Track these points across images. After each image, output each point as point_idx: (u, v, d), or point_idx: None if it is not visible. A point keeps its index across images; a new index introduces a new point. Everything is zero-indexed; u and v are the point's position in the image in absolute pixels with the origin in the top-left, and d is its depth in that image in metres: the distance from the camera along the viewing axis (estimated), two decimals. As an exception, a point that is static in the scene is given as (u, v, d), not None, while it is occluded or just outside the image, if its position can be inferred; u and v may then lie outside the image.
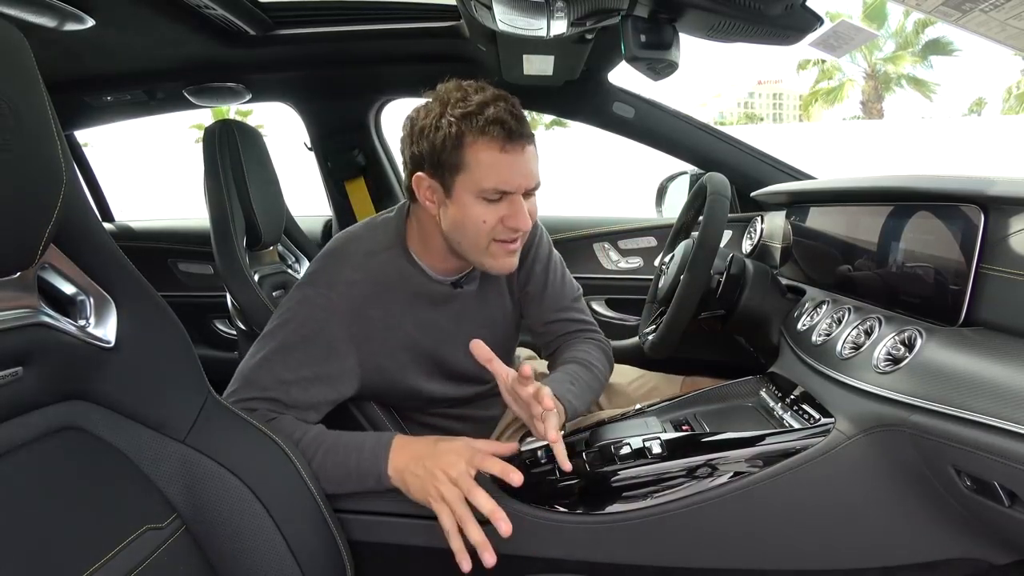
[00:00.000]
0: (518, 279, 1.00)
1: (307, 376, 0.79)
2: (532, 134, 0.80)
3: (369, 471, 0.74)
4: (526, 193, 0.81)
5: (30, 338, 0.50)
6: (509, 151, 0.77)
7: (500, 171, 0.78)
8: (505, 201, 0.80)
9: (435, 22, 1.42)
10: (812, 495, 0.70)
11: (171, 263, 1.97)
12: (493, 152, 0.77)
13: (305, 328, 0.80)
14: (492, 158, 0.77)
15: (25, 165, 0.45)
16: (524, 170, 0.79)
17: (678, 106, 1.63)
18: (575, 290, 1.06)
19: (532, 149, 0.80)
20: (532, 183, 0.81)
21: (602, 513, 0.73)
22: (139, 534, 0.54)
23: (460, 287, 0.92)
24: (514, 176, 0.78)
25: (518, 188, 0.79)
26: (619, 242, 1.66)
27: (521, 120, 0.79)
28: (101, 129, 2.10)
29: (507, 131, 0.77)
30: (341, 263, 0.85)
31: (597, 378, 0.95)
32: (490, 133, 0.76)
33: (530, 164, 0.80)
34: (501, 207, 0.80)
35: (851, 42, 0.72)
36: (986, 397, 0.54)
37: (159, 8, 1.18)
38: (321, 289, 0.83)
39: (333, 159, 1.78)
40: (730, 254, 1.10)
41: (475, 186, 0.78)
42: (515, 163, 0.78)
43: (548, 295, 1.01)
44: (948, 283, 0.68)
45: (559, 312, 1.02)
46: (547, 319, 1.02)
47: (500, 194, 0.79)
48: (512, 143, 0.77)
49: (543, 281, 1.00)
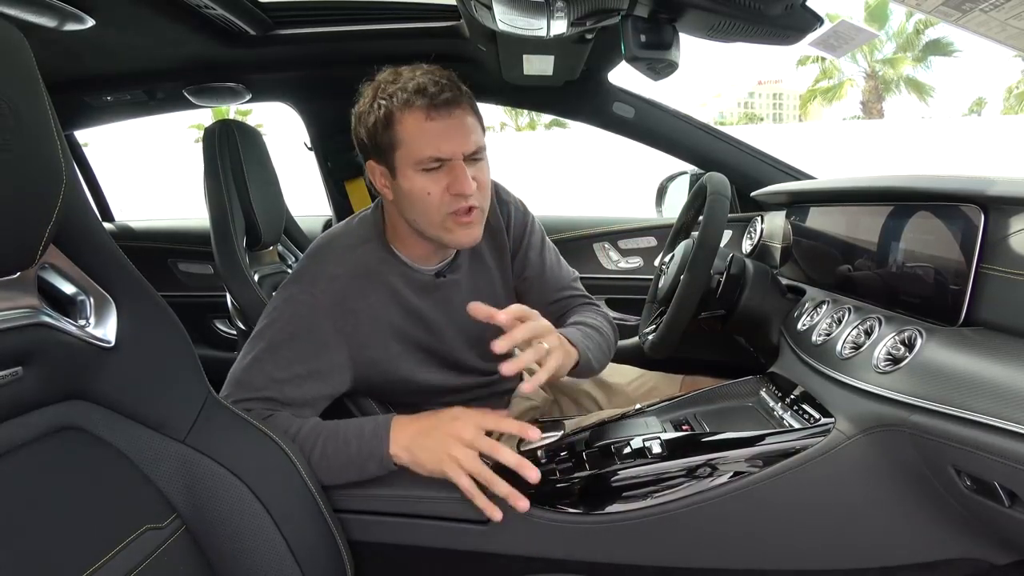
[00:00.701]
0: (513, 268, 1.00)
1: (300, 373, 0.79)
2: (463, 98, 0.79)
3: (371, 453, 0.74)
4: (470, 160, 0.80)
5: (30, 338, 0.50)
6: (435, 117, 0.77)
7: (429, 138, 0.78)
8: (445, 169, 0.79)
9: (435, 22, 1.42)
10: (812, 495, 0.70)
11: (171, 263, 1.97)
12: (419, 121, 0.78)
13: (292, 326, 0.81)
14: (419, 127, 0.78)
15: (25, 165, 0.45)
16: (455, 134, 0.78)
17: (678, 106, 1.63)
18: (572, 272, 1.07)
19: (463, 112, 0.79)
20: (469, 147, 0.79)
21: (602, 513, 0.73)
22: (139, 534, 0.54)
23: (444, 276, 0.92)
24: (445, 141, 0.78)
25: (453, 154, 0.78)
26: (619, 242, 1.66)
27: (446, 86, 0.78)
28: (101, 129, 2.09)
29: (428, 97, 0.77)
30: (322, 260, 0.86)
31: (606, 340, 0.95)
32: (413, 103, 0.77)
33: (463, 127, 0.79)
34: (442, 176, 0.79)
35: (851, 42, 0.72)
36: (986, 397, 0.54)
37: (159, 8, 1.18)
38: (304, 286, 0.83)
39: (333, 159, 1.78)
40: (730, 254, 1.10)
41: (411, 159, 0.79)
42: (444, 128, 0.78)
43: (547, 277, 1.01)
44: (948, 283, 0.68)
45: (561, 291, 1.03)
46: (550, 299, 1.02)
47: (437, 162, 0.79)
48: (437, 109, 0.77)
49: (540, 265, 1.01)
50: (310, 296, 0.82)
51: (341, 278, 0.84)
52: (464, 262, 0.94)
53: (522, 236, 1.00)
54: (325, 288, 0.83)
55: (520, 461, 0.69)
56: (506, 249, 0.99)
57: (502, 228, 0.98)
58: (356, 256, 0.86)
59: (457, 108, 0.79)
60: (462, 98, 0.80)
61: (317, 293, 0.82)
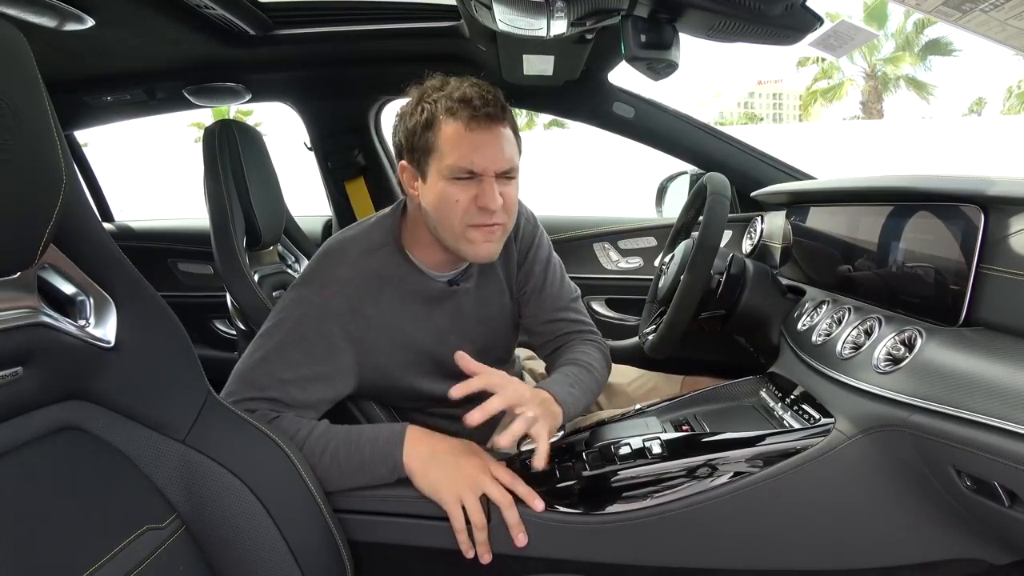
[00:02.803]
0: (517, 279, 1.00)
1: (306, 375, 0.79)
2: (505, 117, 0.81)
3: (384, 459, 0.75)
4: (502, 177, 0.81)
5: (30, 338, 0.50)
6: (475, 130, 0.78)
7: (466, 149, 0.78)
8: (475, 182, 0.80)
9: (435, 22, 1.42)
10: (812, 495, 0.70)
11: (171, 263, 1.97)
12: (459, 131, 0.78)
13: (301, 327, 0.81)
14: (458, 136, 0.78)
15: (25, 165, 0.45)
16: (491, 150, 0.79)
17: (678, 106, 1.63)
18: (573, 291, 1.06)
19: (503, 131, 0.81)
20: (502, 165, 0.80)
21: (602, 513, 0.73)
22: (139, 534, 0.54)
23: (457, 284, 0.92)
24: (480, 155, 0.79)
25: (485, 170, 0.79)
26: (619, 242, 1.66)
27: (490, 102, 0.79)
28: (101, 129, 2.09)
29: (472, 108, 0.78)
30: (336, 262, 0.86)
31: (596, 380, 0.95)
32: (457, 113, 0.78)
33: (499, 145, 0.80)
34: (472, 188, 0.80)
35: (851, 42, 0.72)
36: (986, 397, 0.54)
37: (159, 8, 1.18)
38: (316, 288, 0.83)
39: (333, 159, 1.78)
40: (730, 254, 1.10)
41: (444, 166, 0.80)
42: (482, 142, 0.79)
43: (546, 295, 1.01)
44: (948, 283, 0.68)
45: (557, 312, 1.02)
46: (545, 318, 1.02)
47: (468, 174, 0.79)
48: (478, 122, 0.78)
49: (542, 281, 1.00)
50: (321, 298, 0.82)
51: (354, 282, 0.84)
52: (475, 271, 0.94)
53: (529, 248, 1.00)
54: (337, 291, 0.82)
55: (529, 492, 0.73)
56: (513, 260, 0.99)
57: (512, 239, 0.98)
58: (371, 261, 0.86)
59: (498, 125, 0.80)
60: (504, 116, 0.81)
61: (328, 296, 0.82)
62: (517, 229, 0.98)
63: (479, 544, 0.73)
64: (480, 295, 0.95)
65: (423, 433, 0.78)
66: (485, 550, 0.73)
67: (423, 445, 0.76)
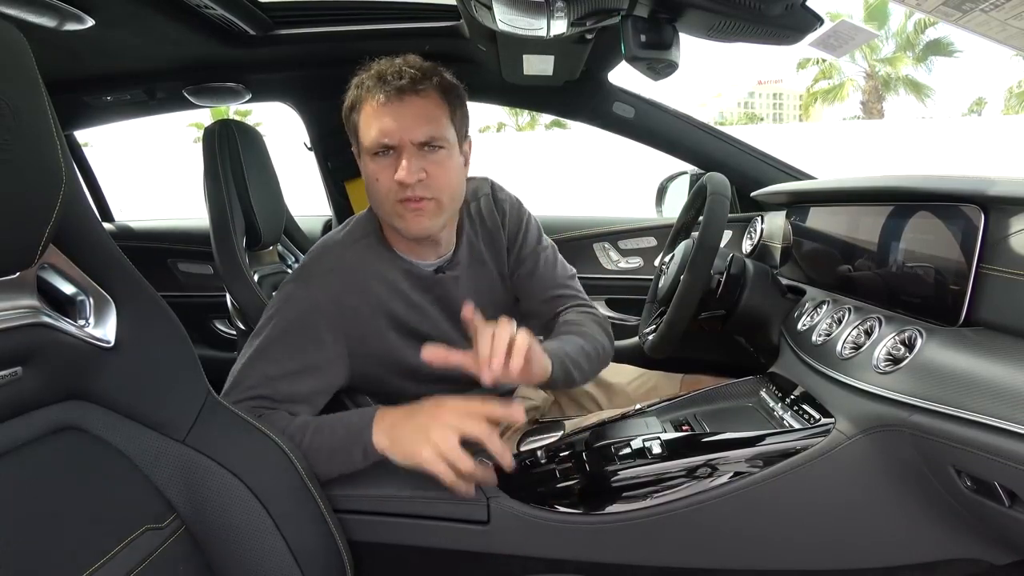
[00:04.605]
0: (509, 265, 1.00)
1: (293, 368, 0.80)
2: (425, 88, 0.79)
3: (355, 440, 0.73)
4: (423, 149, 0.79)
5: (30, 338, 0.50)
6: (388, 103, 0.78)
7: (378, 123, 0.79)
8: (393, 156, 0.80)
9: (435, 22, 1.42)
10: (812, 495, 0.70)
11: (171, 263, 1.97)
12: (374, 106, 0.79)
13: (286, 322, 0.81)
14: (373, 112, 0.79)
15: (25, 165, 0.45)
16: (404, 120, 0.78)
17: (678, 106, 1.63)
18: (569, 271, 1.05)
19: (421, 101, 0.79)
20: (417, 135, 0.79)
21: (602, 513, 0.73)
22: (139, 534, 0.54)
23: (443, 272, 0.92)
24: (391, 127, 0.78)
25: (401, 141, 0.78)
26: (619, 242, 1.66)
27: (407, 74, 0.78)
28: (101, 129, 2.10)
29: (384, 83, 0.78)
30: (319, 258, 0.87)
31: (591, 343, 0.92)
32: (371, 90, 0.79)
33: (414, 115, 0.79)
34: (392, 164, 0.80)
35: (851, 42, 0.72)
36: (986, 397, 0.54)
37: (159, 8, 1.18)
38: (300, 283, 0.84)
39: (333, 159, 1.77)
40: (730, 254, 1.10)
41: (365, 144, 0.81)
42: (394, 114, 0.78)
43: (540, 276, 1.00)
44: (948, 283, 0.68)
45: (552, 290, 1.01)
46: (542, 297, 1.01)
47: (385, 148, 0.79)
48: (388, 96, 0.78)
49: (534, 263, 1.00)
50: (305, 292, 0.83)
51: (337, 272, 0.84)
52: (463, 259, 0.94)
53: (517, 233, 0.99)
54: (321, 284, 0.83)
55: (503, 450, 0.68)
56: (503, 247, 0.99)
57: (499, 226, 0.98)
58: (353, 252, 0.87)
59: (413, 96, 0.79)
60: (424, 87, 0.79)
61: (313, 289, 0.83)
62: (503, 216, 0.98)
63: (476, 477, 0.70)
64: (470, 284, 0.95)
65: (390, 410, 0.76)
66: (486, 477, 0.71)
67: (387, 420, 0.74)
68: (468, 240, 0.95)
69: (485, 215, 0.97)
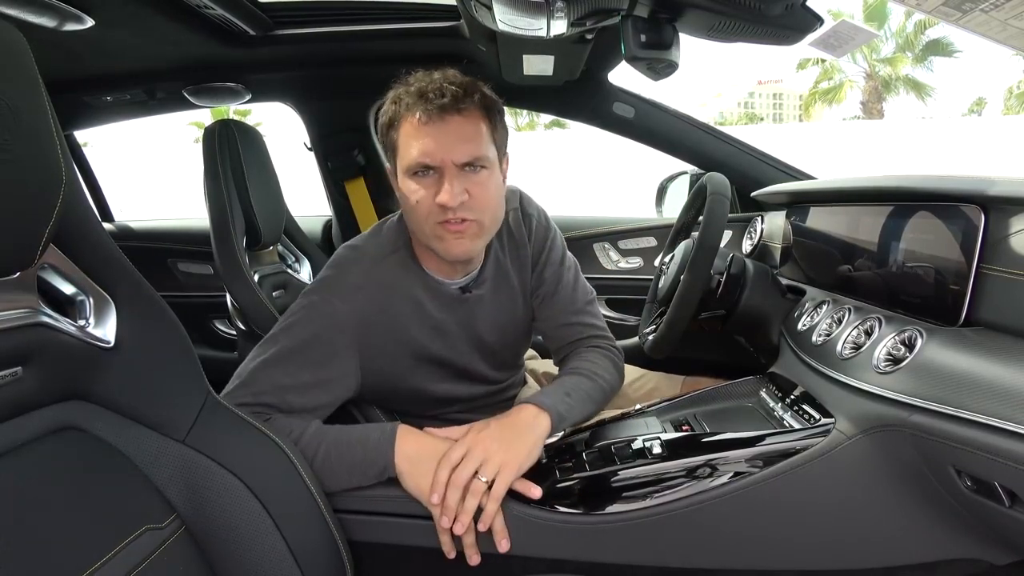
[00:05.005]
0: (530, 283, 0.98)
1: (306, 381, 0.79)
2: (467, 106, 0.77)
3: (374, 461, 0.74)
4: (465, 170, 0.78)
5: (30, 338, 0.50)
6: (429, 123, 0.76)
7: (419, 143, 0.76)
8: (434, 177, 0.78)
9: (435, 22, 1.42)
10: (812, 495, 0.70)
11: (171, 263, 1.97)
12: (414, 125, 0.77)
13: (307, 333, 0.80)
14: (414, 131, 0.77)
15: (25, 165, 0.45)
16: (446, 141, 0.76)
17: (678, 106, 1.63)
18: (588, 294, 1.02)
19: (463, 120, 0.77)
20: (459, 156, 0.76)
21: (602, 513, 0.73)
22: (139, 534, 0.54)
23: (469, 292, 0.90)
24: (433, 147, 0.76)
25: (442, 161, 0.76)
26: (619, 242, 1.66)
27: (448, 91, 0.76)
28: (101, 129, 2.10)
29: (425, 101, 0.76)
30: (347, 270, 0.85)
31: (601, 388, 0.91)
32: (412, 108, 0.77)
33: (456, 135, 0.76)
34: (433, 184, 0.77)
35: (851, 42, 0.72)
36: (986, 397, 0.54)
37: (159, 8, 1.18)
38: (325, 295, 0.82)
39: (333, 159, 1.78)
40: (730, 254, 1.10)
41: (404, 164, 0.78)
42: (436, 134, 0.76)
43: (559, 299, 0.98)
44: (948, 283, 0.68)
45: (569, 316, 0.98)
46: (558, 322, 0.98)
47: (425, 168, 0.77)
48: (429, 115, 0.76)
49: (555, 284, 0.97)
50: (330, 305, 0.81)
51: (364, 289, 0.83)
52: (489, 277, 0.92)
53: (541, 251, 0.97)
54: (347, 298, 0.82)
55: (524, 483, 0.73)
56: (527, 263, 0.96)
57: (525, 242, 0.95)
58: (381, 268, 0.85)
59: (455, 115, 0.76)
60: (466, 105, 0.77)
61: (338, 303, 0.81)
62: (530, 231, 0.96)
63: (467, 547, 0.72)
64: (494, 302, 0.93)
65: (413, 434, 0.76)
66: (473, 552, 0.72)
67: (412, 446, 0.75)
68: (495, 256, 0.93)
69: (513, 229, 0.94)
